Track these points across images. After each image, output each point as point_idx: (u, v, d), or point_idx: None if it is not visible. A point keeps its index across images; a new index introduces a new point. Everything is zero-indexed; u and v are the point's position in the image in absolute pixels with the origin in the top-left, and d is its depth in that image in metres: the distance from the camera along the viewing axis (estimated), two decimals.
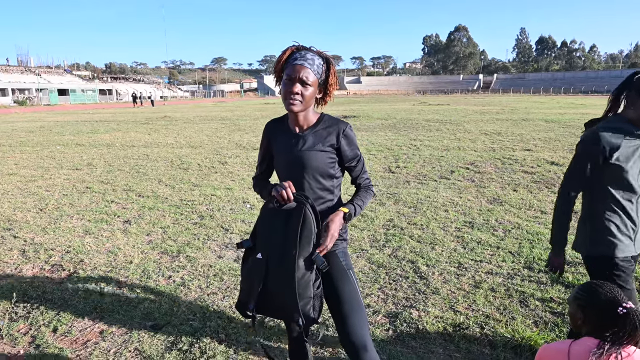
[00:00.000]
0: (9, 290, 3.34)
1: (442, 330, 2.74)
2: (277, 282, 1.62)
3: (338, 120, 1.81)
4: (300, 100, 1.69)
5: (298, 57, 1.69)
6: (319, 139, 1.76)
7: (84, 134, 14.99)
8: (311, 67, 1.68)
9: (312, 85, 1.70)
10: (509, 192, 6.04)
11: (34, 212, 5.41)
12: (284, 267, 1.60)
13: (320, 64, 1.72)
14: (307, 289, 1.62)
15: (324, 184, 1.79)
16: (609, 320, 1.51)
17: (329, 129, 1.77)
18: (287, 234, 1.62)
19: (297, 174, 1.77)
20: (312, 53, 1.72)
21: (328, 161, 1.77)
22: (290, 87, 1.67)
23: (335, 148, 1.77)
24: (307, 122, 1.79)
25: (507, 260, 3.75)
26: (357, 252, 3.99)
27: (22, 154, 10.39)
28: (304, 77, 1.66)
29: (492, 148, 10.00)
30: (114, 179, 7.30)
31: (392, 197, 5.84)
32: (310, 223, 1.62)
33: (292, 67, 1.67)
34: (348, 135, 1.77)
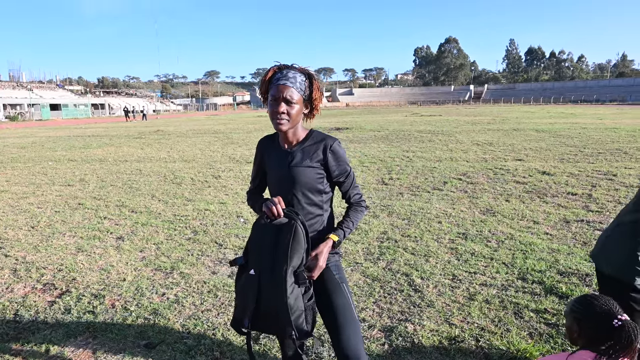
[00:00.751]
0: (1, 311, 3.30)
1: (438, 343, 2.74)
2: (269, 296, 1.64)
3: (326, 135, 1.84)
4: (287, 119, 1.73)
5: (280, 77, 1.72)
6: (307, 155, 1.79)
7: (76, 149, 14.92)
8: (294, 86, 1.71)
9: (297, 103, 1.73)
10: (501, 203, 6.08)
11: (25, 230, 5.36)
12: (274, 282, 1.62)
13: (303, 80, 1.75)
14: (298, 301, 1.64)
15: (313, 199, 1.82)
16: (605, 333, 1.51)
17: (317, 144, 1.80)
18: (277, 248, 1.64)
19: (287, 190, 1.80)
20: (293, 71, 1.74)
21: (316, 177, 1.79)
22: (276, 107, 1.71)
23: (322, 164, 1.79)
24: (296, 138, 1.83)
25: (501, 271, 3.76)
26: (352, 265, 3.99)
27: (13, 171, 10.31)
28: (288, 97, 1.70)
29: (484, 158, 10.08)
30: (106, 195, 7.26)
31: (386, 209, 5.86)
32: (301, 238, 1.65)
33: (275, 88, 1.71)
34: (335, 151, 1.80)
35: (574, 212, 5.49)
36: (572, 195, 6.41)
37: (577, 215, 5.39)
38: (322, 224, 1.87)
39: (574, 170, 8.26)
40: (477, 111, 41.38)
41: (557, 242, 4.46)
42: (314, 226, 1.84)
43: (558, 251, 4.19)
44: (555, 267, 3.82)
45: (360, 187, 7.18)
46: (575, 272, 3.71)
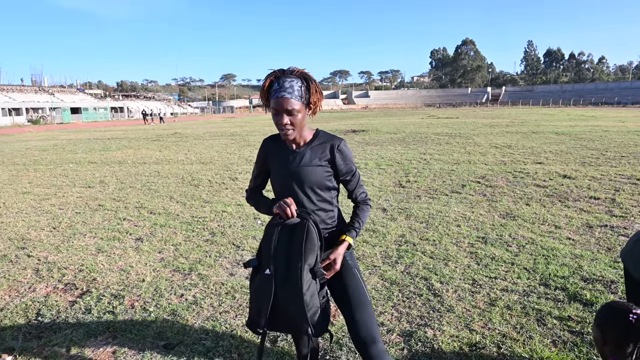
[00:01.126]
0: (23, 310, 3.36)
1: (458, 349, 2.69)
2: (285, 295, 1.69)
3: (333, 136, 1.89)
4: (292, 128, 1.78)
5: (278, 89, 1.73)
6: (315, 155, 1.85)
7: (96, 151, 15.19)
8: (292, 96, 1.72)
9: (299, 112, 1.76)
10: (521, 207, 5.97)
11: (47, 231, 5.46)
12: (290, 281, 1.67)
13: (300, 86, 1.75)
14: (314, 299, 1.69)
15: (323, 196, 1.89)
16: (625, 333, 1.48)
17: (324, 144, 1.86)
18: (291, 247, 1.69)
19: (297, 188, 1.86)
20: (290, 78, 1.74)
21: (325, 174, 1.86)
22: (280, 120, 1.75)
23: (330, 162, 1.86)
24: (303, 139, 1.88)
25: (522, 277, 3.68)
26: (370, 268, 3.95)
27: (35, 173, 10.54)
28: (289, 108, 1.72)
29: (502, 161, 9.94)
30: (125, 197, 7.36)
31: (404, 212, 5.81)
32: (314, 236, 1.70)
33: (275, 101, 1.73)
34: (342, 151, 1.86)
35: (597, 217, 5.36)
36: (595, 199, 6.26)
37: (600, 220, 5.26)
38: (334, 219, 1.96)
39: (596, 174, 8.07)
40: (494, 113, 40.85)
41: (580, 247, 4.35)
42: (326, 222, 1.92)
43: (581, 257, 4.09)
44: (579, 273, 3.73)
45: (378, 189, 7.13)
46: (600, 278, 3.61)
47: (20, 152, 15.91)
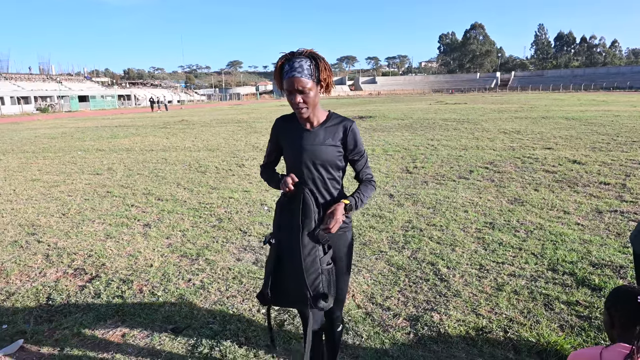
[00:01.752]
0: (34, 294, 3.41)
1: (465, 334, 2.69)
2: (287, 261, 1.82)
3: (344, 118, 1.99)
4: (306, 106, 1.85)
5: (288, 70, 1.80)
6: (329, 134, 1.93)
7: (104, 139, 15.26)
8: (302, 75, 1.78)
9: (311, 90, 1.82)
10: (530, 192, 5.92)
11: (57, 217, 5.52)
12: (290, 246, 1.80)
13: (309, 66, 1.81)
14: (314, 264, 1.80)
15: (334, 174, 1.97)
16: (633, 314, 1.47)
17: (337, 125, 1.95)
18: (292, 218, 1.82)
19: (310, 166, 1.93)
20: (299, 59, 1.81)
21: (337, 154, 1.94)
22: (293, 100, 1.83)
23: (342, 142, 1.94)
24: (318, 119, 1.95)
25: (530, 262, 3.66)
26: (376, 254, 3.95)
27: (44, 160, 10.63)
28: (301, 87, 1.79)
29: (511, 147, 9.84)
30: (133, 183, 7.41)
31: (411, 198, 5.79)
32: (309, 203, 1.82)
33: (286, 82, 1.80)
34: (354, 131, 1.95)
35: (607, 202, 5.30)
36: (605, 184, 6.19)
37: (610, 205, 5.20)
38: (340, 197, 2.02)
39: (606, 159, 7.97)
40: (503, 99, 40.37)
41: (589, 232, 4.31)
42: (335, 199, 1.99)
43: (590, 242, 4.05)
44: (588, 258, 3.70)
45: (385, 175, 7.09)
46: (609, 263, 3.58)
47: (30, 140, 16.03)
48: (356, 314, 2.94)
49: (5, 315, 3.13)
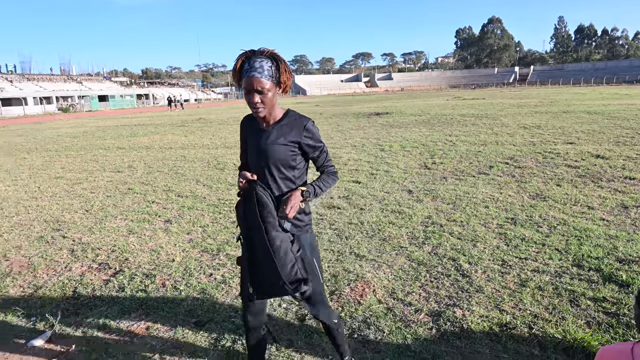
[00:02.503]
0: (61, 288, 3.49)
1: (488, 329, 2.66)
2: (261, 258, 1.85)
3: (301, 116, 1.96)
4: (263, 107, 1.84)
5: (249, 69, 1.79)
6: (281, 133, 1.91)
7: (124, 137, 15.51)
8: (262, 75, 1.79)
9: (269, 90, 1.82)
10: (552, 187, 5.81)
11: (80, 213, 5.63)
12: (258, 243, 1.83)
13: (270, 66, 1.81)
14: (287, 255, 1.84)
15: (286, 174, 1.95)
16: None
17: (292, 124, 1.92)
18: (251, 214, 1.84)
19: (262, 165, 1.94)
20: (260, 58, 1.80)
21: (289, 153, 1.92)
22: (251, 99, 1.82)
23: (297, 142, 1.92)
24: (273, 118, 1.94)
25: (554, 257, 3.60)
26: (396, 249, 3.93)
27: (67, 158, 10.85)
28: (260, 87, 1.79)
29: (531, 142, 9.67)
30: (153, 180, 7.51)
31: (430, 194, 5.74)
32: (264, 199, 1.83)
33: (246, 81, 1.80)
34: (310, 130, 1.93)
35: (633, 197, 5.17)
36: (630, 179, 6.04)
37: (636, 200, 5.07)
38: None
39: (631, 154, 7.77)
40: (522, 94, 39.67)
41: (615, 228, 4.21)
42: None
43: (616, 238, 3.96)
44: (614, 254, 3.61)
45: (403, 171, 7.03)
46: (637, 259, 3.50)
47: (52, 139, 16.39)
48: (377, 309, 2.93)
49: (33, 307, 3.21)
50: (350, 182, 6.67)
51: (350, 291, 3.20)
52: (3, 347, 2.76)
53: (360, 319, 2.83)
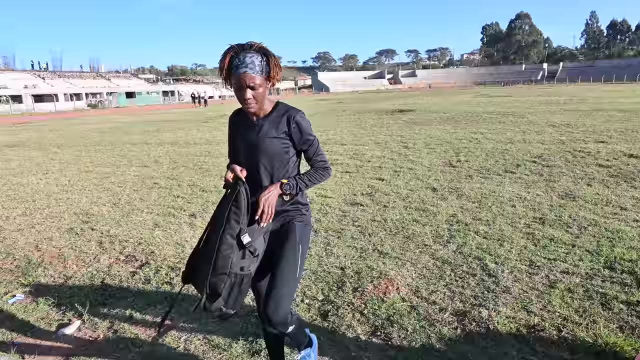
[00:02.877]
0: (89, 279, 3.58)
1: (515, 331, 2.59)
2: (206, 249, 1.81)
3: (290, 107, 1.94)
4: (254, 102, 1.83)
5: (239, 65, 1.76)
6: (272, 126, 1.90)
7: (150, 133, 15.81)
8: (253, 71, 1.76)
9: (261, 86, 1.80)
10: (582, 187, 5.64)
11: (108, 207, 5.77)
12: (213, 238, 1.78)
13: (260, 61, 1.79)
14: (225, 262, 1.74)
15: (279, 168, 1.93)
16: None
17: (281, 117, 1.90)
18: (222, 209, 1.81)
19: (255, 159, 1.92)
20: (250, 53, 1.77)
21: (281, 146, 1.90)
22: (243, 95, 1.80)
23: (287, 134, 1.90)
24: (263, 111, 1.92)
25: (585, 259, 3.49)
26: (420, 247, 3.88)
27: (96, 153, 11.14)
28: (252, 84, 1.77)
29: (560, 140, 9.41)
30: (179, 175, 7.63)
31: (454, 192, 5.64)
32: (241, 203, 1.77)
33: (236, 77, 1.77)
34: (298, 122, 1.90)
35: None
36: None
37: None
38: None
39: None
40: (551, 91, 38.64)
41: None
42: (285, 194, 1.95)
43: None
44: None
45: (427, 169, 6.92)
46: None
47: (82, 134, 16.85)
48: (401, 307, 2.90)
49: (63, 297, 3.30)
50: (374, 179, 6.63)
51: (373, 288, 3.17)
52: (34, 335, 2.85)
53: (384, 316, 2.81)
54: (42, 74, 62.23)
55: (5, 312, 3.12)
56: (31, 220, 5.28)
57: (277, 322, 1.82)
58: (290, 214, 1.99)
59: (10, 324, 2.97)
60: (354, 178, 6.76)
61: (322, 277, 3.39)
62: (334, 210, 5.10)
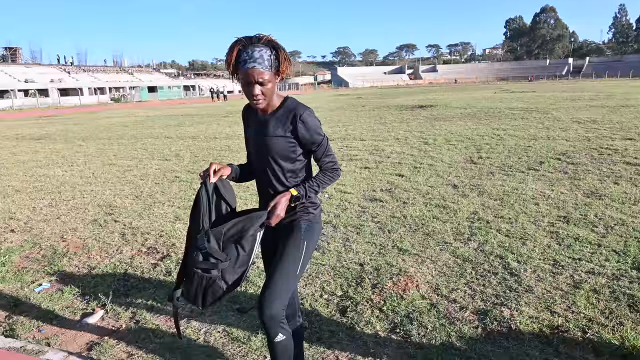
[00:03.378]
0: (112, 270, 3.66)
1: (538, 331, 2.54)
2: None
3: (298, 104, 1.83)
4: (263, 98, 1.76)
5: (247, 59, 1.68)
6: (278, 125, 1.82)
7: (171, 127, 16.02)
8: (262, 66, 1.68)
9: (270, 81, 1.73)
10: (609, 185, 5.48)
11: (130, 199, 5.87)
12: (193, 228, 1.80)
13: (270, 56, 1.71)
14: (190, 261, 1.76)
15: (287, 167, 1.86)
16: None
17: (289, 114, 1.81)
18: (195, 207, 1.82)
19: (262, 157, 1.88)
20: (259, 47, 1.69)
21: (288, 145, 1.82)
22: (251, 91, 1.73)
23: (293, 133, 1.81)
24: (271, 107, 1.85)
25: (611, 259, 3.39)
26: (440, 244, 3.84)
27: (119, 146, 11.34)
28: (260, 79, 1.70)
29: (586, 137, 9.16)
30: (199, 169, 7.71)
31: (476, 189, 5.56)
32: (199, 204, 1.76)
33: (244, 72, 1.69)
34: (305, 121, 1.80)
35: None
36: None
37: None
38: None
39: None
40: (576, 86, 37.68)
41: None
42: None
43: None
44: None
45: (448, 165, 6.83)
46: None
47: (105, 127, 17.19)
48: (421, 305, 2.88)
49: (87, 287, 3.38)
50: (393, 175, 6.58)
51: (392, 285, 3.15)
52: (59, 323, 2.92)
53: (403, 313, 2.79)
54: (67, 68, 63.64)
55: (32, 300, 3.21)
56: (57, 211, 5.42)
57: (269, 315, 1.77)
58: (297, 213, 1.93)
59: (37, 312, 3.05)
60: (373, 174, 6.72)
61: (340, 273, 3.39)
62: (353, 206, 5.08)
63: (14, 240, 4.46)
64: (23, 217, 5.23)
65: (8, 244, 4.34)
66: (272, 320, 1.78)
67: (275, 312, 1.77)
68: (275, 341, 1.83)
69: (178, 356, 2.50)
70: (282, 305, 1.80)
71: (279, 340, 1.83)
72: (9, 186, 7.00)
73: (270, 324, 1.79)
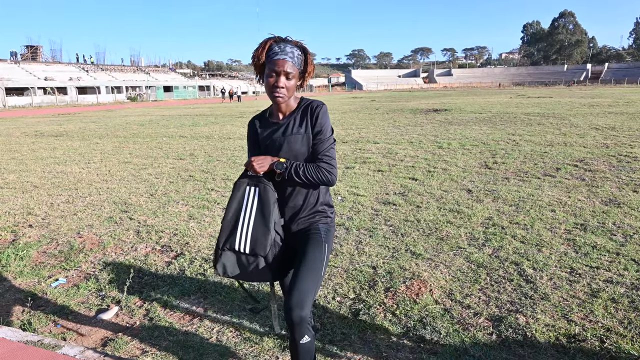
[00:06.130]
0: (127, 267, 3.69)
1: (554, 340, 2.50)
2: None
3: (313, 100, 1.91)
4: (285, 92, 1.80)
5: (278, 52, 1.76)
6: (298, 123, 1.87)
7: (186, 127, 16.16)
8: (292, 60, 1.77)
9: (294, 77, 1.80)
10: (627, 193, 5.38)
11: (145, 197, 5.93)
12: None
13: (299, 55, 1.80)
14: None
15: None
16: None
17: (304, 109, 1.88)
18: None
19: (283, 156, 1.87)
20: (290, 45, 1.78)
21: (307, 143, 1.86)
22: (277, 81, 1.77)
23: (312, 126, 1.86)
24: (289, 109, 1.91)
25: (630, 268, 3.32)
26: (454, 249, 3.80)
27: (134, 145, 11.48)
28: (288, 70, 1.76)
29: (604, 144, 9.01)
30: (213, 169, 7.77)
31: (490, 194, 5.50)
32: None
33: (274, 62, 1.75)
34: (318, 113, 1.85)
35: None
36: None
37: None
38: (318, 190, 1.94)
39: None
40: (594, 92, 37.09)
41: None
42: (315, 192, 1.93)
43: None
44: None
45: (462, 170, 6.76)
46: None
47: (122, 126, 17.41)
48: (434, 309, 2.85)
49: (102, 283, 3.42)
50: (407, 178, 6.54)
51: (405, 289, 3.13)
52: (75, 319, 2.96)
53: (416, 318, 2.76)
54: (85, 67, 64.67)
55: (49, 295, 3.26)
56: (74, 208, 5.50)
57: (300, 316, 1.71)
58: (316, 216, 1.94)
59: (53, 307, 3.10)
60: (387, 177, 6.69)
61: (353, 276, 3.37)
62: (366, 209, 5.06)
63: (32, 235, 4.54)
64: (41, 213, 5.32)
65: (26, 239, 4.41)
66: (302, 321, 1.74)
67: (305, 314, 1.73)
68: (301, 343, 1.78)
69: (191, 354, 2.51)
70: (311, 306, 1.77)
71: (305, 342, 1.79)
72: (28, 182, 7.13)
73: (300, 325, 1.75)
